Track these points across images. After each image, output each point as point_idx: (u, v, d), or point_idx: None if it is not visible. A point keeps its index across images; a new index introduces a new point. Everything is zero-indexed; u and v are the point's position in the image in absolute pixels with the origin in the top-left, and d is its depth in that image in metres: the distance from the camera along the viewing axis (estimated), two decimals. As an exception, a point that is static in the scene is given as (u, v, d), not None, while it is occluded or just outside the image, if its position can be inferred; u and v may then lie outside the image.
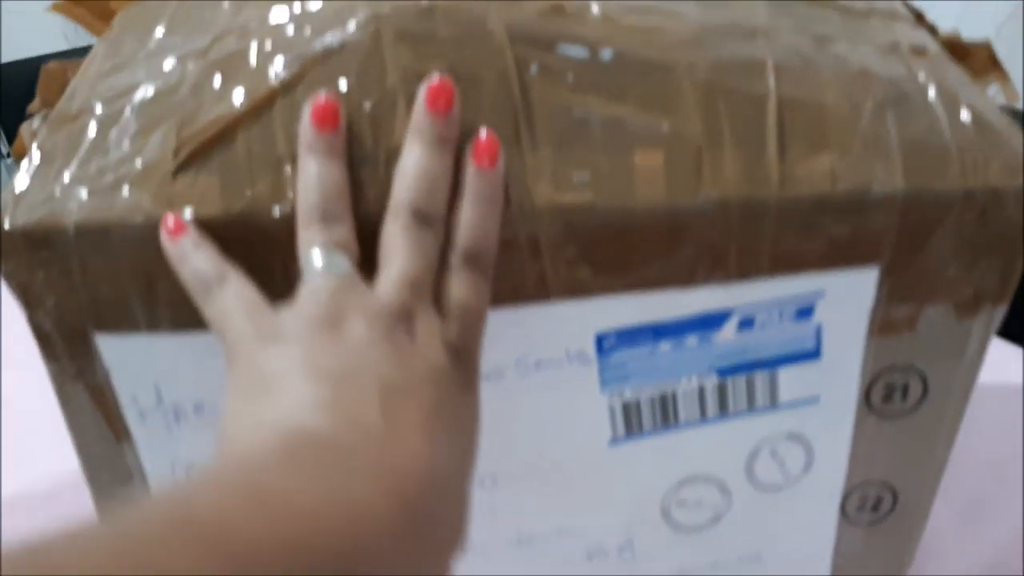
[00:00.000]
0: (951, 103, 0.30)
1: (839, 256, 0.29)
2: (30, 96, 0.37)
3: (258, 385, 0.24)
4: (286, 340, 0.24)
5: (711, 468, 0.34)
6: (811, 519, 0.36)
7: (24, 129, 0.41)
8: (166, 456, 0.32)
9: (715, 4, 0.31)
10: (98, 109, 0.29)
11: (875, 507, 0.37)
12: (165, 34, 0.32)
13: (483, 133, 0.27)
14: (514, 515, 0.34)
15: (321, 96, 0.27)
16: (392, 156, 0.27)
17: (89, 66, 0.32)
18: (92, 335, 0.30)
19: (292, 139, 0.27)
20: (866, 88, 0.29)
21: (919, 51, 0.31)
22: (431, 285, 0.26)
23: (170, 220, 0.27)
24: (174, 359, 0.30)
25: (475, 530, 0.34)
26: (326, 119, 0.26)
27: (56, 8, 0.37)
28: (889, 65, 0.30)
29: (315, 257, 0.25)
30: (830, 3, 0.33)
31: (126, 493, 0.34)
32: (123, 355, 0.30)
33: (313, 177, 0.26)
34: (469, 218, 0.27)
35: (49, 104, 0.40)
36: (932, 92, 0.30)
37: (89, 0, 0.37)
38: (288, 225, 0.27)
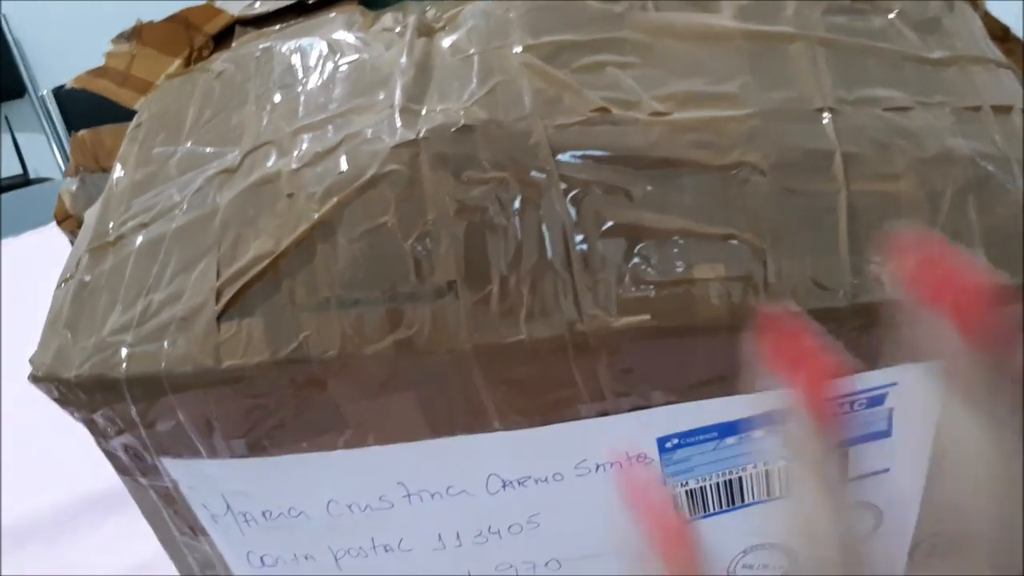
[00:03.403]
0: (1039, 179, 0.27)
1: (914, 352, 0.28)
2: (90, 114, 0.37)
3: None
4: None
5: (777, 538, 0.34)
6: (879, 568, 0.36)
7: (63, 192, 0.41)
8: (242, 549, 0.33)
9: (774, 73, 0.28)
10: (137, 239, 0.29)
11: (944, 554, 0.36)
12: (193, 141, 0.30)
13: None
14: (581, 587, 0.35)
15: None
16: (436, 293, 0.26)
17: (122, 167, 0.31)
18: (157, 459, 0.30)
19: (335, 282, 0.26)
20: (945, 173, 0.27)
21: (1003, 109, 0.29)
22: None
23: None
24: (237, 479, 0.30)
25: (543, 599, 0.35)
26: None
27: (79, 83, 0.36)
28: (970, 136, 0.28)
29: None
30: (904, 48, 0.30)
31: (210, 574, 0.35)
32: (188, 474, 0.30)
33: None
34: None
35: (84, 168, 0.40)
36: (1016, 168, 0.27)
37: (112, 71, 0.36)
38: (335, 368, 0.26)
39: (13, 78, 2.02)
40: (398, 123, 0.27)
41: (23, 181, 2.06)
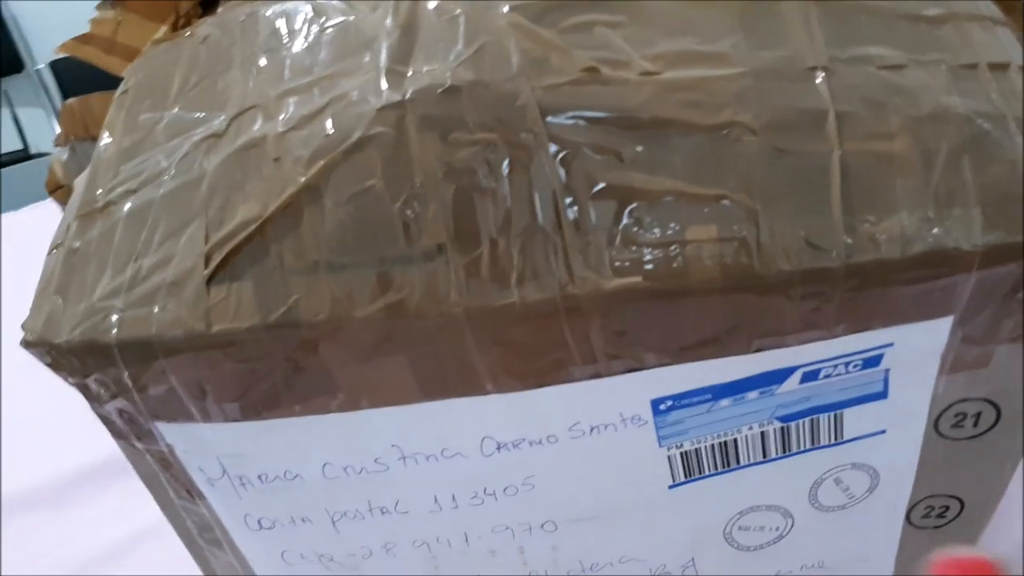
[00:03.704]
0: (1035, 136, 0.27)
1: (909, 313, 0.28)
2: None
3: None
4: None
5: (773, 499, 0.34)
6: (875, 529, 0.36)
7: (54, 162, 0.41)
8: (239, 512, 0.33)
9: (766, 31, 0.28)
10: (125, 206, 0.28)
11: (941, 515, 0.36)
12: (180, 106, 0.30)
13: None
14: (576, 550, 0.35)
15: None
16: (425, 256, 0.26)
17: (109, 134, 0.31)
18: (152, 423, 0.30)
19: (322, 245, 0.26)
20: (940, 132, 0.27)
21: (1000, 67, 0.28)
22: None
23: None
24: (232, 443, 0.30)
25: (536, 563, 0.35)
26: None
27: (65, 49, 0.36)
28: (965, 94, 0.27)
29: None
30: (898, 5, 0.29)
31: (209, 537, 0.35)
32: (183, 438, 0.30)
33: None
34: None
35: (74, 137, 0.40)
36: (1012, 125, 0.27)
37: (97, 38, 0.36)
38: (325, 332, 0.26)
39: (11, 53, 2.01)
40: (384, 85, 0.26)
41: (23, 156, 2.06)
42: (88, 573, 0.52)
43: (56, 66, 1.94)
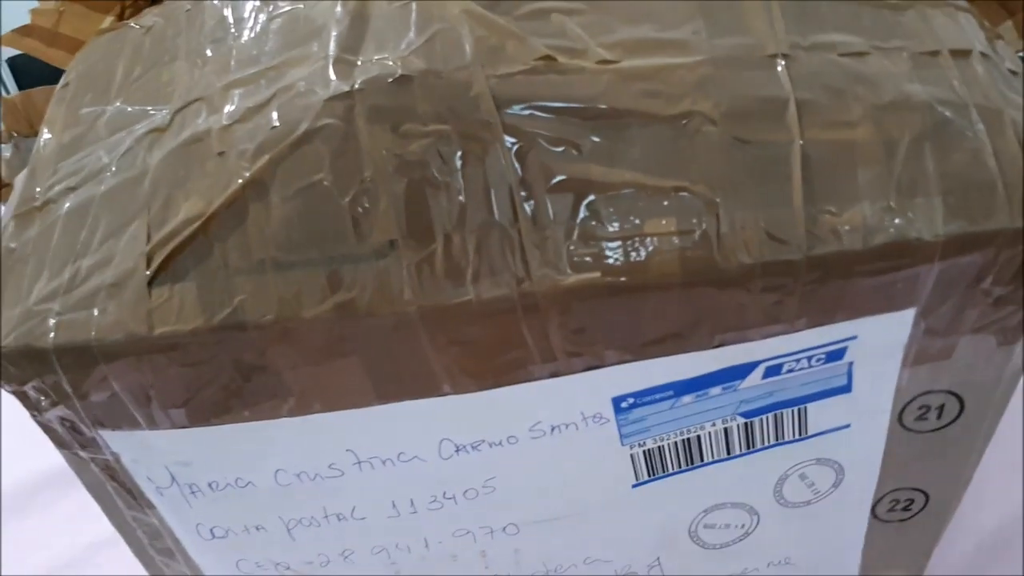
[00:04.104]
0: (995, 125, 0.26)
1: (872, 305, 0.27)
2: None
3: None
4: None
5: (738, 496, 0.33)
6: (841, 524, 0.36)
7: (-3, 158, 0.39)
8: (190, 521, 0.32)
9: (726, 18, 0.27)
10: (65, 204, 0.27)
11: (907, 508, 0.36)
12: (123, 99, 0.29)
13: None
14: (539, 552, 0.34)
15: None
16: (377, 253, 0.25)
17: (49, 130, 0.30)
18: (95, 431, 0.29)
19: (269, 243, 0.25)
20: (902, 120, 0.26)
21: (962, 53, 0.28)
22: None
23: None
24: (180, 450, 0.29)
25: (499, 566, 0.34)
26: None
27: (5, 42, 0.34)
28: (927, 82, 0.27)
29: None
30: (859, -8, 0.29)
31: (161, 547, 0.34)
32: (129, 446, 0.29)
33: None
34: None
35: (17, 133, 0.38)
36: (974, 113, 0.27)
37: (39, 29, 0.34)
38: (273, 334, 0.25)
39: (-33, 48, 1.96)
40: (332, 75, 0.25)
41: (-19, 154, 2.01)
42: (42, 584, 0.50)
43: (15, 62, 1.90)
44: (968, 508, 0.41)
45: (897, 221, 0.26)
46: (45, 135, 0.30)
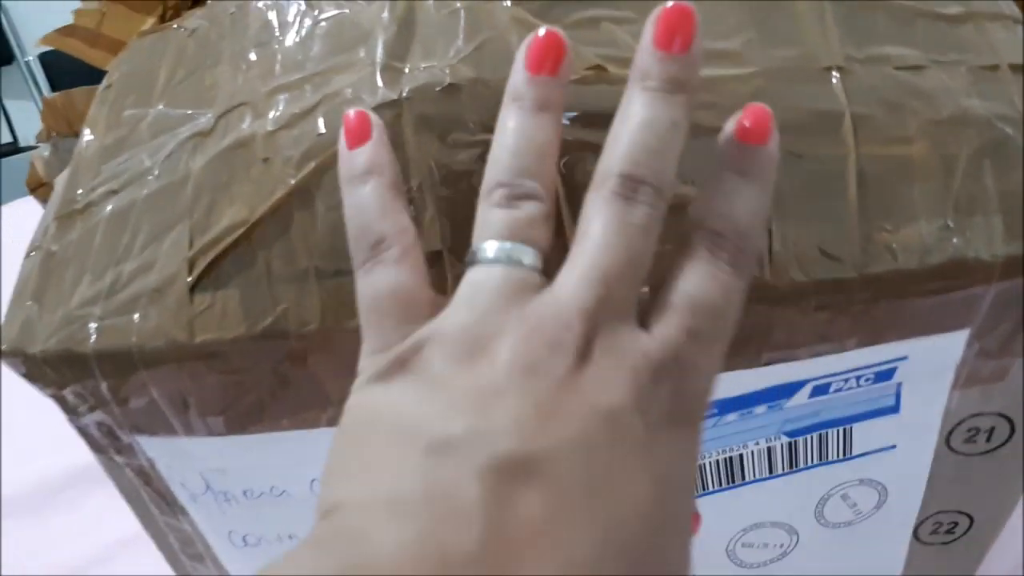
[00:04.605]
0: (1059, 142, 0.26)
1: (925, 325, 0.27)
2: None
3: (357, 437, 0.19)
4: (414, 370, 0.19)
5: (778, 516, 0.33)
6: (882, 546, 0.35)
7: (35, 158, 0.39)
8: (223, 528, 0.32)
9: (779, 29, 0.27)
10: (107, 207, 0.27)
11: (950, 531, 0.35)
12: (166, 102, 0.29)
13: (749, 106, 0.21)
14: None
15: (542, 34, 0.20)
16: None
17: (91, 131, 0.30)
18: (132, 436, 0.29)
19: (313, 252, 0.25)
20: (959, 136, 0.26)
21: (1022, 68, 0.27)
22: (635, 284, 0.19)
23: (352, 118, 0.21)
24: (216, 457, 0.29)
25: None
26: (544, 59, 0.20)
27: (47, 42, 0.34)
28: (986, 96, 0.26)
29: (487, 240, 0.19)
30: (917, 3, 0.28)
31: (192, 553, 0.34)
32: (165, 452, 0.29)
33: (510, 132, 0.20)
34: (726, 194, 0.20)
35: (57, 133, 0.38)
36: (1036, 130, 0.26)
37: (81, 30, 0.34)
38: (315, 343, 0.25)
39: (1, 45, 1.99)
40: (379, 82, 0.25)
41: (13, 149, 2.03)
42: (70, 582, 0.50)
43: (45, 58, 1.92)
44: (1008, 534, 0.40)
45: (954, 240, 0.25)
46: (87, 136, 0.30)
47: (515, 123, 0.20)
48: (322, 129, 0.25)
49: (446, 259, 0.24)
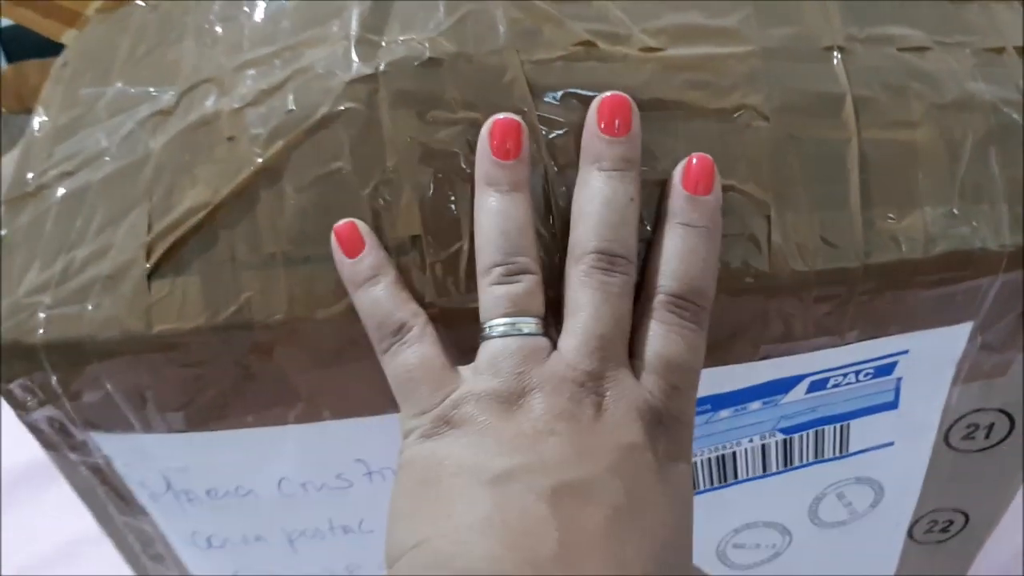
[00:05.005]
0: (1067, 127, 0.25)
1: (928, 318, 0.25)
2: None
3: (425, 482, 0.22)
4: (460, 424, 0.22)
5: (771, 515, 0.31)
6: (876, 546, 0.34)
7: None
8: (185, 529, 0.30)
9: (778, 6, 0.25)
10: (59, 190, 0.25)
11: (944, 529, 0.34)
12: (125, 80, 0.27)
13: (694, 157, 0.23)
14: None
15: (499, 119, 0.22)
16: (398, 250, 0.23)
17: (44, 111, 0.28)
18: (86, 433, 0.27)
19: (280, 236, 0.23)
20: (964, 121, 0.24)
21: (1028, 50, 0.26)
22: (624, 340, 0.23)
23: (343, 229, 0.23)
24: (177, 456, 0.27)
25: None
26: (507, 149, 0.22)
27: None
28: (991, 80, 0.25)
29: (495, 316, 0.22)
30: (917, -18, 0.27)
31: (153, 553, 0.32)
32: (122, 450, 0.27)
33: (494, 215, 0.22)
34: (679, 253, 0.22)
35: (6, 109, 0.36)
36: (1045, 115, 0.25)
37: (35, 1, 0.32)
38: (282, 335, 0.23)
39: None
40: (354, 56, 0.23)
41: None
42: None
43: (4, 34, 1.87)
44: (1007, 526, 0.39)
45: (961, 229, 0.24)
46: (40, 117, 0.28)
47: (496, 206, 0.22)
48: (291, 106, 0.23)
49: (424, 244, 0.23)
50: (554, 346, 0.22)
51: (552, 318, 0.23)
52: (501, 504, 0.20)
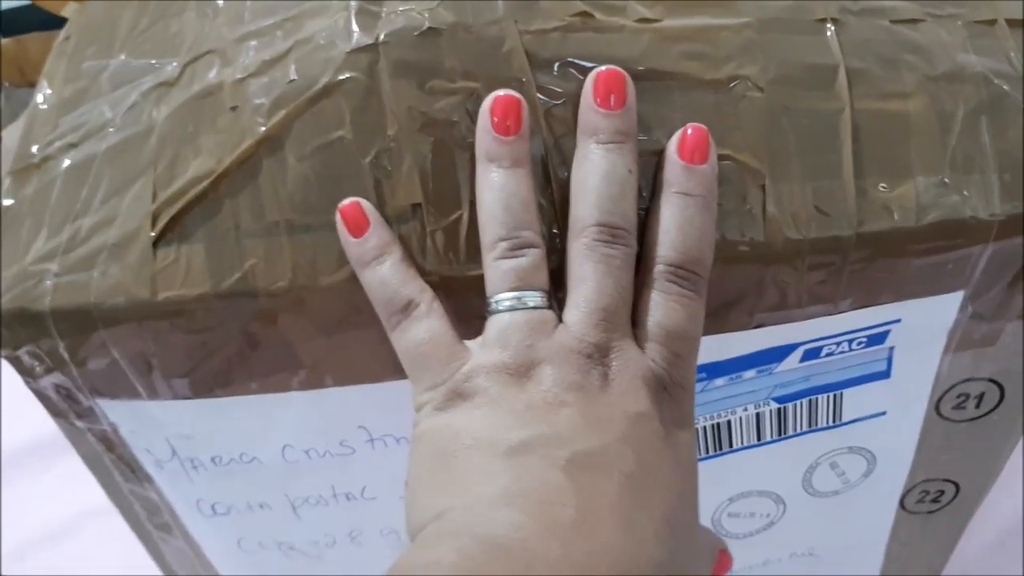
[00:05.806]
0: (1058, 98, 0.25)
1: (920, 287, 0.26)
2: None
3: (441, 453, 0.22)
4: (471, 396, 0.22)
5: (765, 484, 0.32)
6: (868, 515, 0.35)
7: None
8: (191, 496, 0.31)
9: (774, -22, 0.26)
10: (65, 161, 0.26)
11: (936, 499, 0.35)
12: (128, 52, 0.27)
13: (689, 127, 0.23)
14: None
15: (499, 95, 0.22)
16: (399, 218, 0.23)
17: (48, 84, 0.28)
18: (92, 400, 0.27)
19: (283, 204, 0.23)
20: (956, 92, 0.25)
21: (1019, 23, 0.26)
22: (627, 311, 0.23)
23: (347, 208, 0.23)
24: (182, 422, 0.27)
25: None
26: (507, 125, 0.22)
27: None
28: (983, 52, 0.25)
29: (502, 291, 0.23)
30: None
31: (159, 522, 0.33)
32: (128, 417, 0.28)
33: (497, 190, 0.22)
34: (677, 223, 0.23)
35: (8, 82, 0.36)
36: (1035, 86, 0.25)
37: (41, -24, 0.32)
38: (285, 301, 0.24)
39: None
40: (354, 26, 0.24)
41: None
42: (31, 553, 0.49)
43: (4, 16, 1.86)
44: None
45: (952, 198, 0.24)
46: (44, 89, 0.28)
47: (499, 181, 0.23)
48: (293, 76, 0.24)
49: (425, 212, 0.23)
50: (559, 318, 0.23)
51: (554, 289, 0.23)
52: (519, 475, 0.21)
